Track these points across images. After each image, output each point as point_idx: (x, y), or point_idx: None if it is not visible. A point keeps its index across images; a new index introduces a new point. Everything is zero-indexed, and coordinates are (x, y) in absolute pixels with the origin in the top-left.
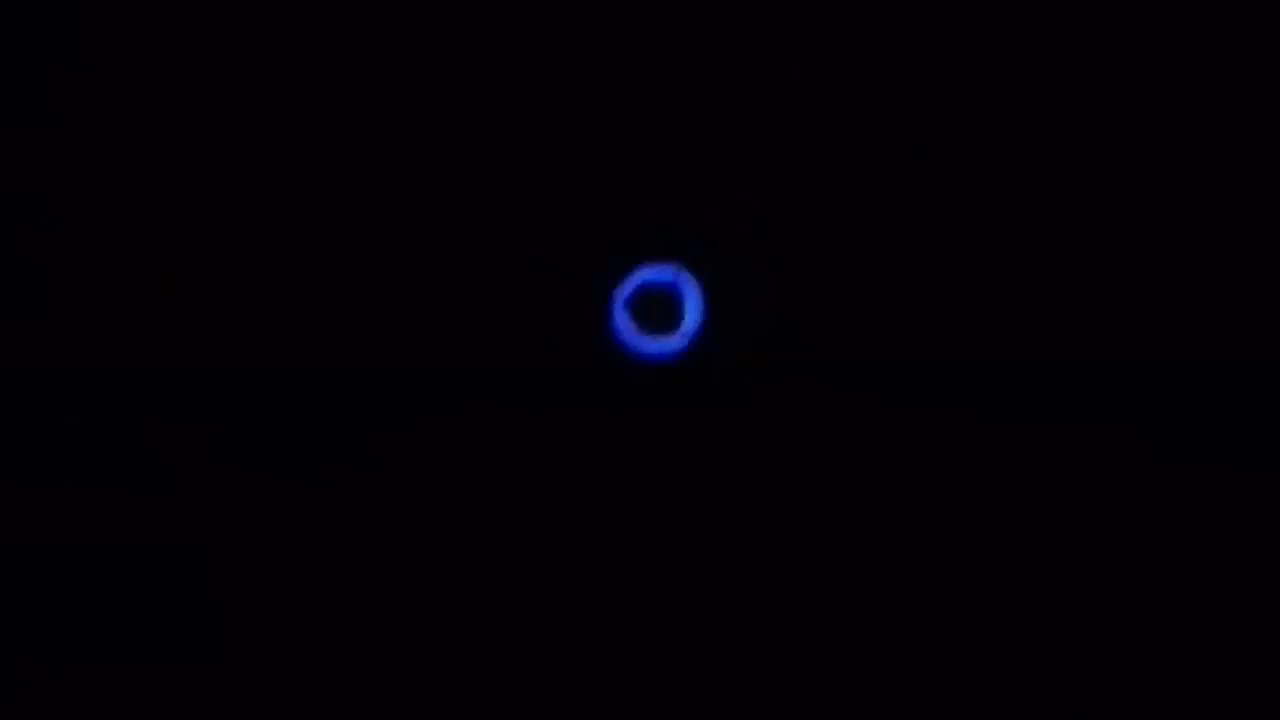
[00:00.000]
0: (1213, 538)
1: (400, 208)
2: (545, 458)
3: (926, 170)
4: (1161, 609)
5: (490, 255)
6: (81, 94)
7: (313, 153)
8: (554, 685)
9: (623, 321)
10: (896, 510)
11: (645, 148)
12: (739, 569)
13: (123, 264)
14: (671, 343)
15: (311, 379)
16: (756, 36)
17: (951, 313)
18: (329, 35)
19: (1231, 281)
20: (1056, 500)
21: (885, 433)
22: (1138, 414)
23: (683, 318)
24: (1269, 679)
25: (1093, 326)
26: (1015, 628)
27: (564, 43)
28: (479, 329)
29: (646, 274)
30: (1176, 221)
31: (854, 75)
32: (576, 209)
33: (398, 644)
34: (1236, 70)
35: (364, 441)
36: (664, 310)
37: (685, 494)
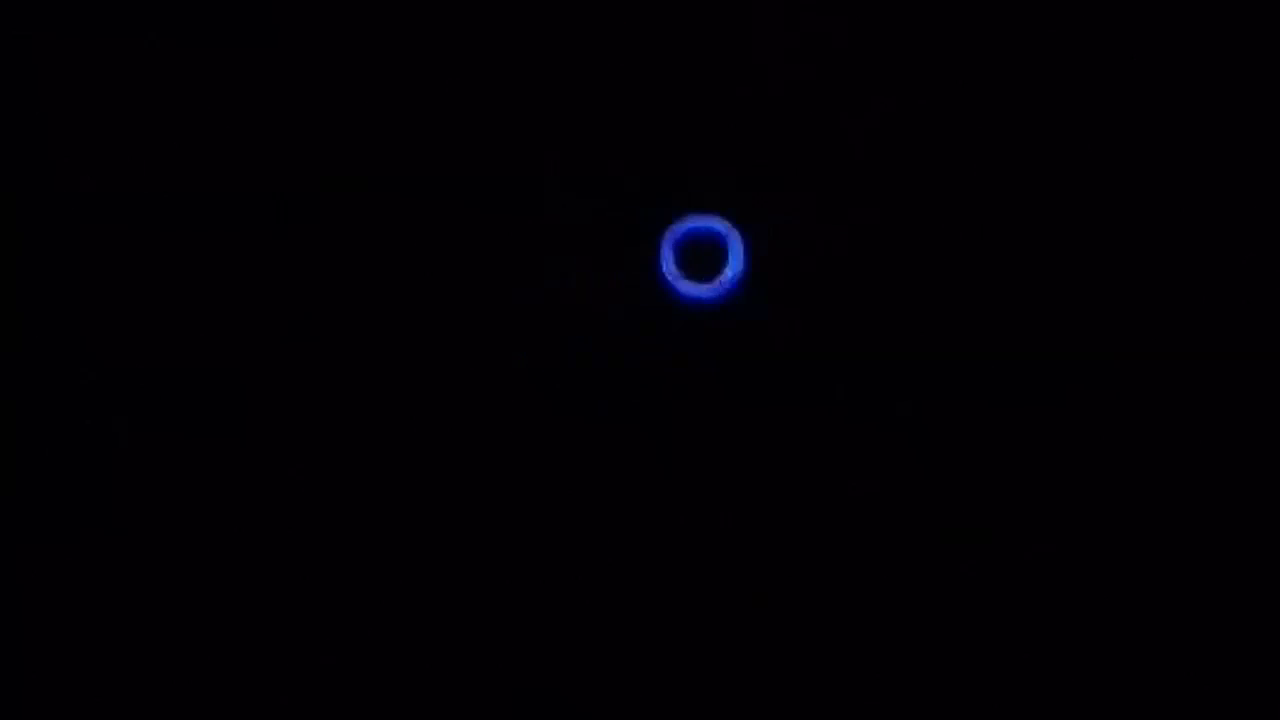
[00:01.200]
0: (1213, 539)
1: (452, 144)
2: (593, 386)
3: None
4: (1162, 610)
5: (548, 207)
6: (82, 94)
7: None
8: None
9: (669, 265)
10: (913, 484)
11: (697, 113)
12: (763, 520)
13: (123, 264)
14: (713, 288)
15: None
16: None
17: (983, 291)
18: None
19: (1231, 281)
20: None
21: (907, 405)
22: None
23: (725, 266)
24: (1269, 679)
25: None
26: (1016, 628)
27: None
28: (537, 268)
29: (694, 223)
30: (1177, 221)
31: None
32: (636, 162)
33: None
34: (1236, 70)
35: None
36: (709, 258)
37: (717, 426)
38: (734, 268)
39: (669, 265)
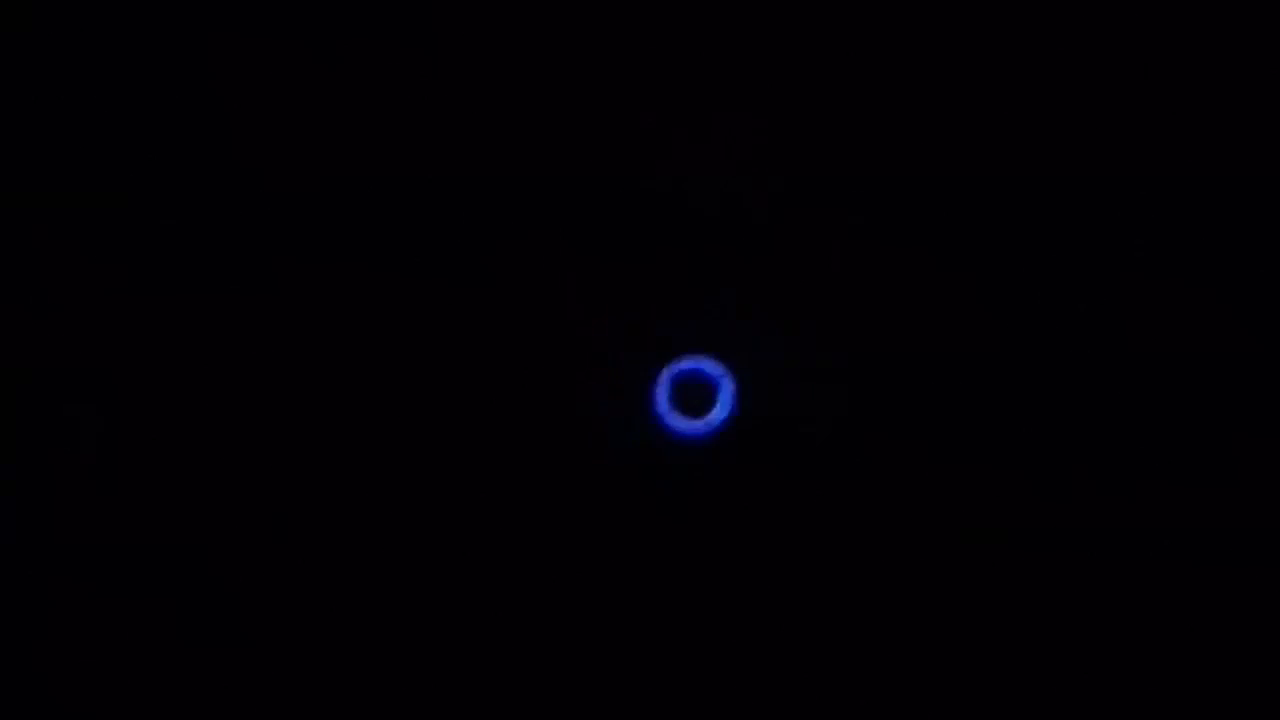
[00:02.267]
0: (1213, 539)
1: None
2: (588, 515)
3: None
4: (1163, 610)
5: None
6: (82, 94)
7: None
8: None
9: (663, 404)
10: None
11: (687, 249)
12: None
13: (124, 264)
14: (706, 425)
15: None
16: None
17: (977, 420)
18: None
19: (1231, 281)
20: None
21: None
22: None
23: (716, 404)
24: (1269, 679)
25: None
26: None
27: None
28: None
29: (687, 364)
30: (1177, 221)
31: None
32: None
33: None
34: (1236, 70)
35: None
36: (700, 397)
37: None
38: (724, 408)
39: (663, 403)
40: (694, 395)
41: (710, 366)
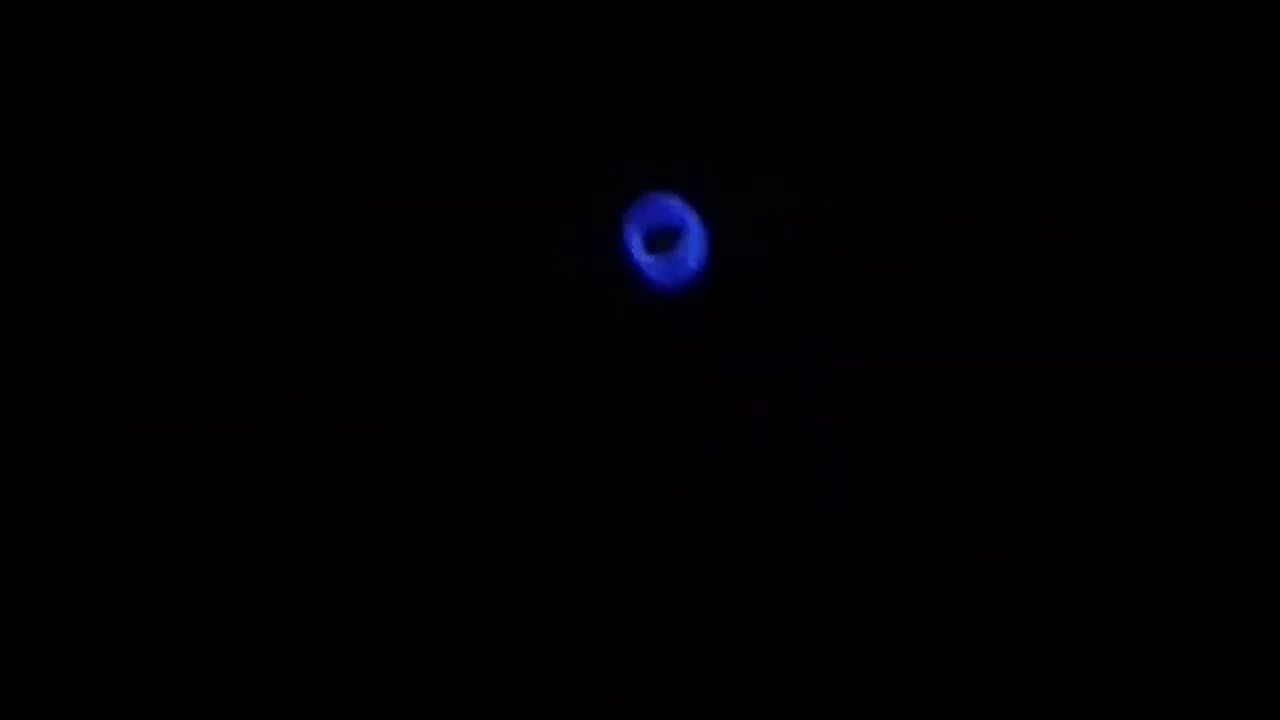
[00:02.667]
0: (1213, 539)
1: (435, 129)
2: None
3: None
4: (1162, 611)
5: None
6: (82, 94)
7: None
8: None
9: (636, 248)
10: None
11: (670, 87)
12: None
13: (125, 264)
14: (677, 269)
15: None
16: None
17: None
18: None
19: (1230, 281)
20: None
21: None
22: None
23: (688, 250)
24: (1269, 679)
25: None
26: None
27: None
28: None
29: (659, 206)
30: (1176, 221)
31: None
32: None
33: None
34: (1236, 70)
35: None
36: (671, 242)
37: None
38: (693, 250)
39: (635, 246)
40: (663, 241)
41: (677, 208)
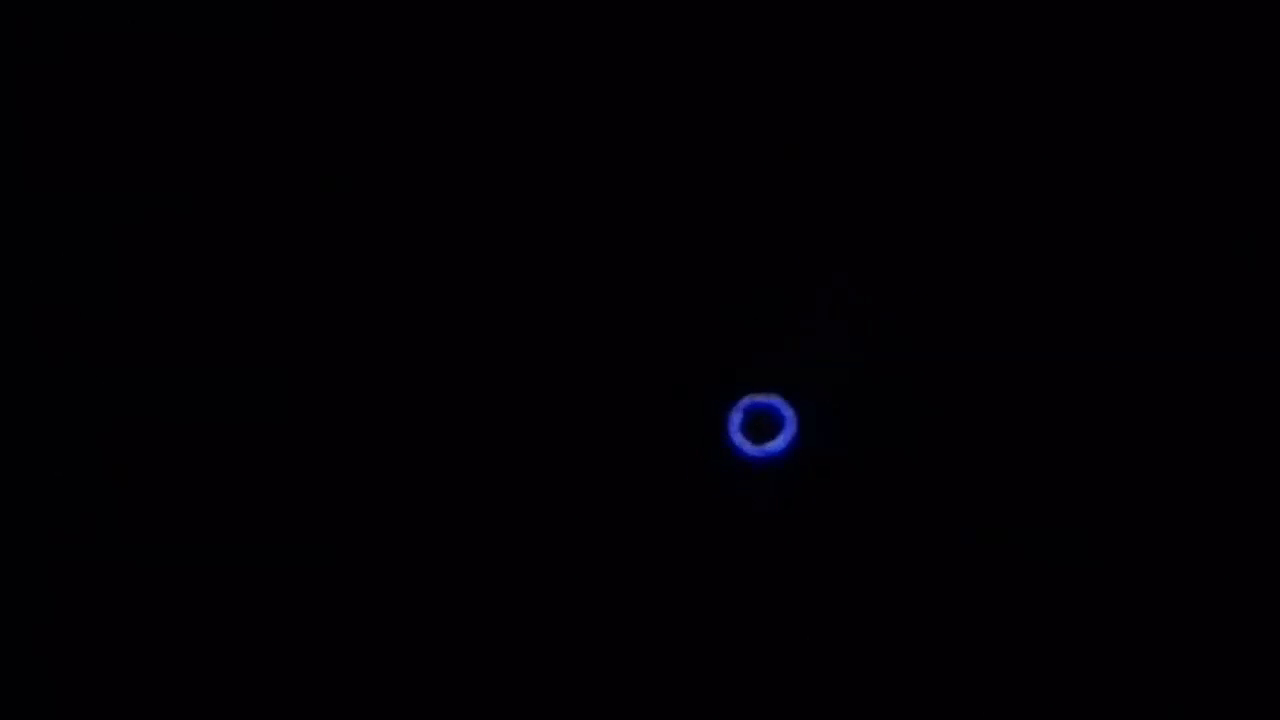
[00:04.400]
0: (1213, 539)
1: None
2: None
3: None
4: (1164, 611)
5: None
6: (82, 94)
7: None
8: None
9: (735, 432)
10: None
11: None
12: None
13: (126, 265)
14: (772, 449)
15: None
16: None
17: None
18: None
19: (1230, 280)
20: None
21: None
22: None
23: (781, 432)
24: (1269, 679)
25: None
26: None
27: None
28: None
29: (755, 399)
30: (1177, 220)
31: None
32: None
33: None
34: (1236, 70)
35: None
36: (768, 425)
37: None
38: (787, 436)
39: (735, 431)
40: (763, 426)
41: (776, 402)
